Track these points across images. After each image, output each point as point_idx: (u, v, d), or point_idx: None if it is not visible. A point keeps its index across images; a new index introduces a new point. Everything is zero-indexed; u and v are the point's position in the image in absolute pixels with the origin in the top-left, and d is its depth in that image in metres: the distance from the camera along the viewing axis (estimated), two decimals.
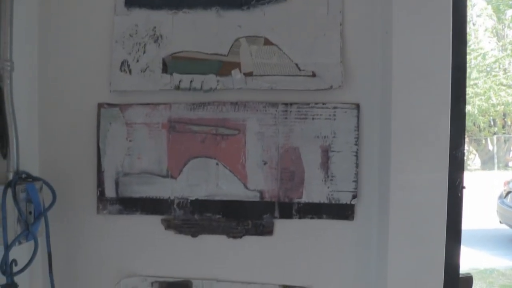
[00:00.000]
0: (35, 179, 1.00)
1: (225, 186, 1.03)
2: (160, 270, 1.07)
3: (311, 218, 1.02)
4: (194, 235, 1.05)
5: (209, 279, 1.06)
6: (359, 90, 1.02)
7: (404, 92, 0.94)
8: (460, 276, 0.98)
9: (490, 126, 14.49)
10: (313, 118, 1.01)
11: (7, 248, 0.92)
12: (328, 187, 1.01)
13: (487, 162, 14.03)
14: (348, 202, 1.01)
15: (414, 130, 0.94)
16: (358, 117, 1.00)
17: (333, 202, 1.01)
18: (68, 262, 1.09)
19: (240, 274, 1.05)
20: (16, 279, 0.94)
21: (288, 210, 1.02)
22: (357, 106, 1.00)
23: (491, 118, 14.03)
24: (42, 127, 1.08)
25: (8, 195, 0.92)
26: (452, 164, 0.95)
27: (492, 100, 12.84)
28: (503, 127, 14.80)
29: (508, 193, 6.57)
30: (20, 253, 0.98)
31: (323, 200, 1.01)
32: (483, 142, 14.57)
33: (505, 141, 14.72)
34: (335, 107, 1.00)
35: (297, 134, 1.01)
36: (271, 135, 1.01)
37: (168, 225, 1.05)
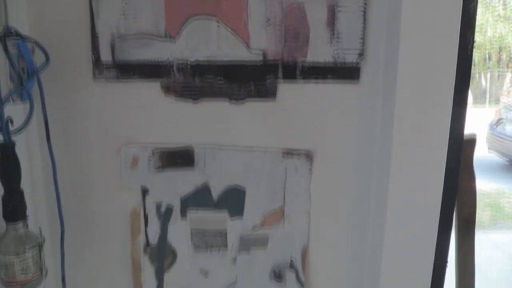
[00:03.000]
0: (26, 38, 0.95)
1: (226, 47, 0.98)
2: (161, 138, 1.05)
3: (316, 79, 0.99)
4: (195, 100, 1.02)
5: (211, 145, 1.04)
6: None
7: None
8: (465, 137, 0.98)
9: (484, 60, 14.37)
10: None
11: (2, 102, 0.89)
12: (334, 46, 0.97)
13: (479, 98, 14.08)
14: (354, 62, 0.97)
15: None
16: None
17: (339, 62, 0.98)
18: (66, 131, 1.06)
19: (243, 140, 1.04)
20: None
21: (292, 71, 0.99)
22: None
23: (487, 52, 13.87)
24: None
25: None
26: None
27: (488, 34, 12.62)
28: (498, 62, 14.69)
29: (498, 121, 6.65)
30: (15, 114, 0.96)
31: (329, 60, 0.98)
32: (476, 77, 14.53)
33: (498, 77, 14.68)
34: None
35: None
36: None
37: (168, 90, 1.02)
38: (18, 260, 0.93)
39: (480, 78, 14.49)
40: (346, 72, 0.98)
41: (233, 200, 1.07)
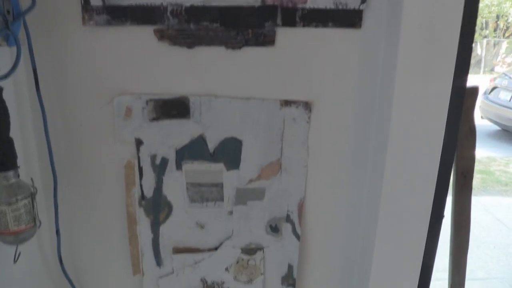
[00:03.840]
0: None
1: None
2: (155, 87, 1.02)
3: (316, 26, 0.95)
4: (190, 46, 0.98)
5: (207, 95, 1.01)
6: None
7: None
8: (467, 88, 0.95)
9: (481, 29, 14.21)
10: None
11: None
12: None
13: (474, 66, 14.02)
14: (357, 7, 0.93)
15: None
16: None
17: (340, 7, 0.93)
18: (55, 80, 1.02)
19: (240, 90, 1.01)
20: None
21: (291, 17, 0.95)
22: None
23: (484, 20, 13.70)
24: None
25: None
26: None
27: (486, 0, 12.42)
28: (495, 30, 14.54)
29: (493, 89, 6.65)
30: (1, 59, 0.91)
31: (330, 5, 0.93)
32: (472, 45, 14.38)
33: (494, 45, 14.57)
34: None
35: None
36: None
37: (162, 36, 0.97)
38: (10, 210, 0.91)
39: (476, 46, 14.38)
40: (348, 17, 0.94)
41: (230, 152, 1.04)
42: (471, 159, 1.03)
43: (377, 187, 1.00)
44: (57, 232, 1.12)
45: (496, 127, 6.77)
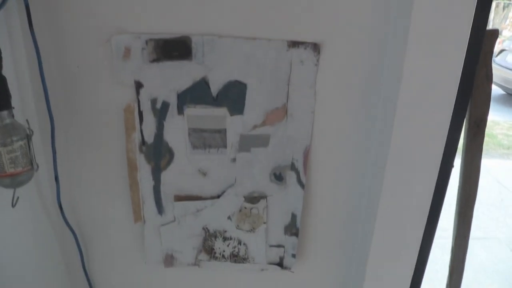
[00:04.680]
0: None
1: None
2: (155, 26, 0.96)
3: None
4: None
5: (210, 34, 0.95)
6: None
7: None
8: (487, 30, 0.89)
9: None
10: None
11: None
12: None
13: None
14: None
15: None
16: None
17: None
18: (50, 17, 0.96)
19: (245, 29, 0.95)
20: None
21: None
22: None
23: None
24: None
25: None
26: None
27: None
28: None
29: (501, 51, 6.50)
30: None
31: None
32: None
33: (504, 8, 14.14)
34: None
35: None
36: None
37: None
38: (6, 151, 0.88)
39: None
40: None
41: (233, 96, 1.00)
42: (486, 107, 0.98)
43: (387, 135, 0.96)
44: (56, 178, 1.10)
45: (501, 92, 6.68)
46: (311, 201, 1.11)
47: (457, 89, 0.90)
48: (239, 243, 1.16)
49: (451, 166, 1.01)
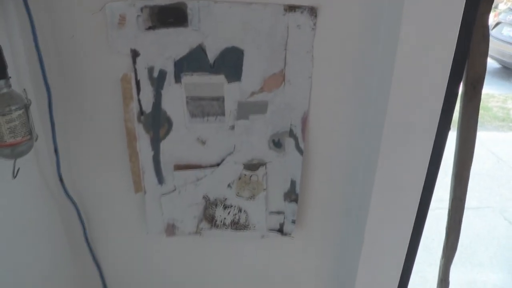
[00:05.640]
0: None
1: None
2: None
3: None
4: None
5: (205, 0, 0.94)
6: None
7: None
8: None
9: None
10: None
11: None
12: None
13: None
14: None
15: None
16: None
17: None
18: None
19: None
20: None
21: None
22: None
23: None
24: None
25: None
26: None
27: None
28: None
29: (496, 24, 6.46)
30: None
31: None
32: None
33: None
34: None
35: None
36: None
37: None
38: (4, 120, 0.88)
39: None
40: None
41: (231, 63, 1.00)
42: (482, 69, 0.99)
43: (384, 98, 0.97)
44: (56, 150, 1.10)
45: (496, 65, 6.66)
46: (310, 167, 1.12)
47: (454, 49, 0.90)
48: (240, 210, 1.17)
49: (448, 128, 1.02)
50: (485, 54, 0.97)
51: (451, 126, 1.04)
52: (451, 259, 1.25)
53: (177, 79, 1.02)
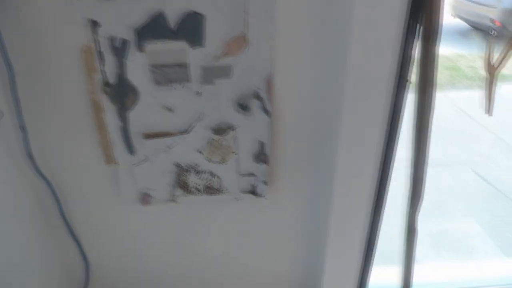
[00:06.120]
0: None
1: None
2: None
3: None
4: None
5: None
6: None
7: None
8: None
9: None
10: None
11: None
12: None
13: None
14: None
15: None
16: None
17: None
18: None
19: None
20: None
21: None
22: None
23: None
24: None
25: None
26: None
27: None
28: None
29: None
30: None
31: None
32: None
33: None
34: None
35: None
36: None
37: None
38: None
39: None
40: None
41: (192, 28, 1.00)
42: (437, 18, 1.01)
43: (344, 54, 0.99)
44: (23, 127, 1.09)
45: (467, 26, 6.75)
46: (278, 127, 1.15)
47: (408, 3, 0.92)
48: (212, 175, 1.20)
49: (406, 80, 1.05)
50: (439, 9, 1.00)
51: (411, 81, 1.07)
52: (416, 208, 1.31)
53: (140, 47, 1.01)
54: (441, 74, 4.95)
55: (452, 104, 4.06)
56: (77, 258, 1.38)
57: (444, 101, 4.12)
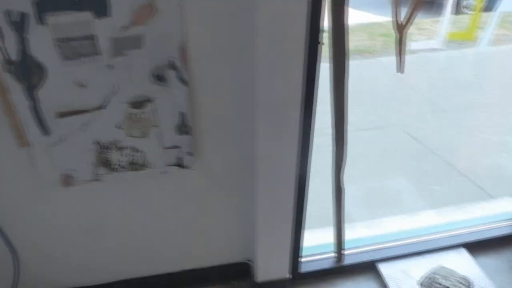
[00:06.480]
0: None
1: None
2: None
3: None
4: None
5: None
6: None
7: None
8: None
9: None
10: None
11: None
12: None
13: None
14: None
15: None
16: None
17: None
18: None
19: None
20: None
21: None
22: None
23: None
24: None
25: None
26: None
27: None
28: None
29: None
30: None
31: None
32: None
33: None
34: None
35: None
36: None
37: None
38: None
39: None
40: None
41: None
42: None
43: (255, 17, 0.99)
44: None
45: None
46: (197, 97, 1.14)
47: None
48: (135, 150, 1.18)
49: (318, 42, 1.07)
50: None
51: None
52: (341, 168, 1.37)
53: (41, 21, 0.96)
54: (375, 41, 5.11)
55: (387, 69, 4.22)
56: (3, 249, 1.32)
57: (377, 67, 4.26)
